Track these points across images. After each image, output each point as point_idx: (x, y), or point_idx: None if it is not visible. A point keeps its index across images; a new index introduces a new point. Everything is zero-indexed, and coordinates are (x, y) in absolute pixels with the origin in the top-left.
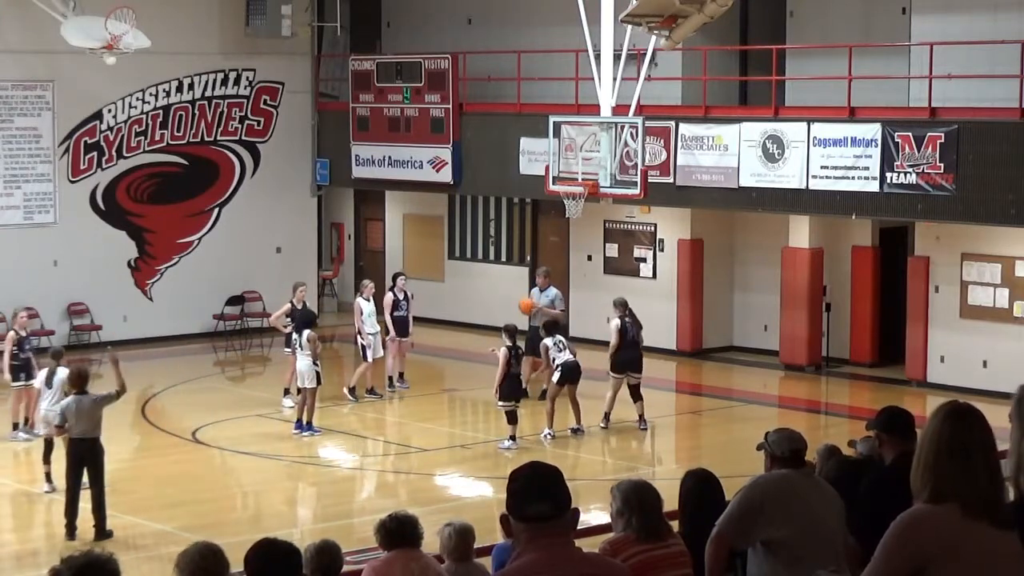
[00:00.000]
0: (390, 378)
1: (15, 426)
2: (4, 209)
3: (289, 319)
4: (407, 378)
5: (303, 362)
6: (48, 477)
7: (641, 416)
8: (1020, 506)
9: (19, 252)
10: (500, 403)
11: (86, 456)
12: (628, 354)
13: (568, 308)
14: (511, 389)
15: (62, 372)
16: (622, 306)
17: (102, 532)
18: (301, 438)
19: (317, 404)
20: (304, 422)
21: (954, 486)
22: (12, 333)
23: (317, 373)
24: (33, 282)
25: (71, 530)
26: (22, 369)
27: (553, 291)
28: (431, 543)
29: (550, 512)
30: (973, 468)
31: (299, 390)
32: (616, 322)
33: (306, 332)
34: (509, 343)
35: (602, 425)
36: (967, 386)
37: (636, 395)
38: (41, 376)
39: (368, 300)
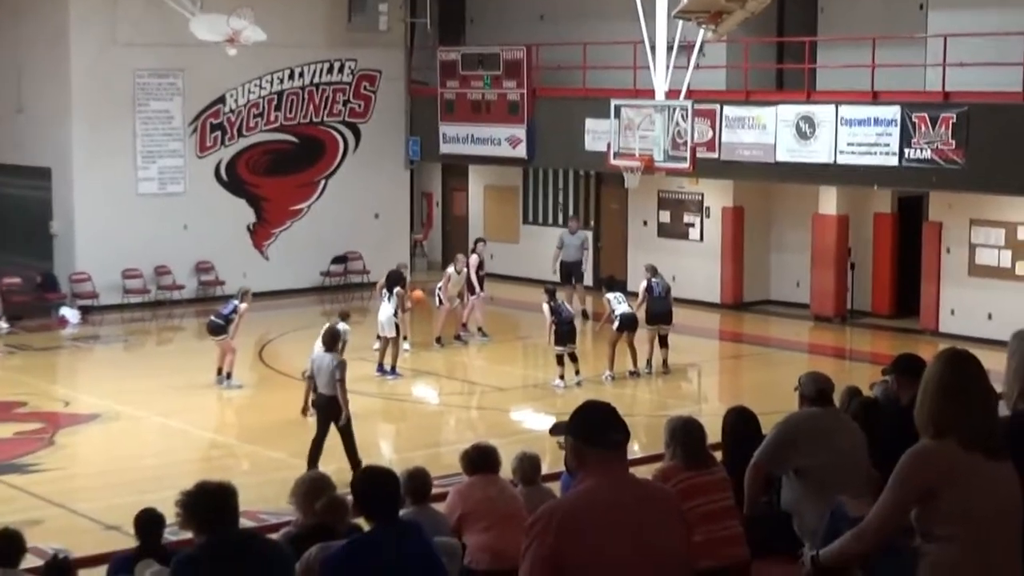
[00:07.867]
0: (480, 328)
1: (223, 373)
2: (142, 180)
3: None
4: (487, 331)
5: (385, 312)
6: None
7: (665, 361)
8: (1010, 435)
9: (155, 218)
10: (555, 347)
11: (327, 411)
12: (658, 309)
13: (626, 267)
14: (562, 335)
15: (341, 326)
16: (651, 270)
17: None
18: (385, 380)
19: (406, 350)
20: (389, 367)
21: (953, 422)
22: (245, 305)
23: (396, 324)
24: (166, 244)
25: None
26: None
27: (582, 234)
28: (507, 470)
29: (622, 439)
30: (969, 406)
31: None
32: (644, 283)
33: (396, 288)
34: (547, 298)
35: (646, 370)
36: (974, 335)
37: (663, 343)
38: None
39: (459, 272)
